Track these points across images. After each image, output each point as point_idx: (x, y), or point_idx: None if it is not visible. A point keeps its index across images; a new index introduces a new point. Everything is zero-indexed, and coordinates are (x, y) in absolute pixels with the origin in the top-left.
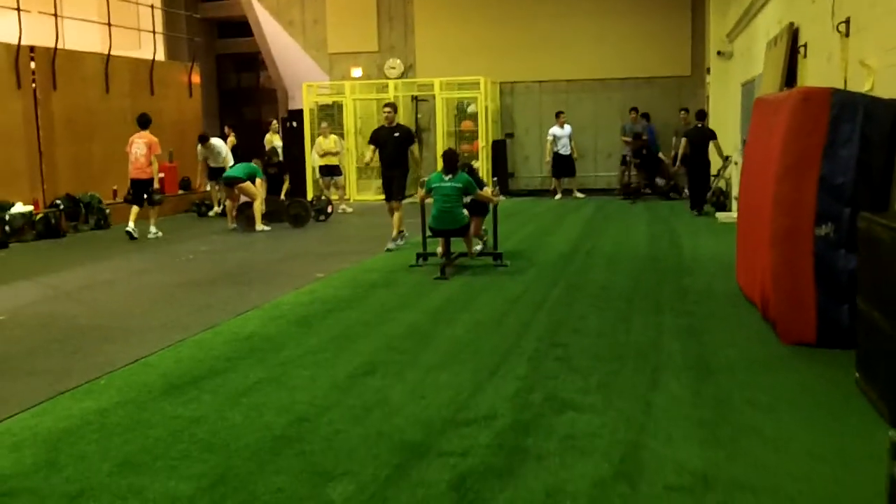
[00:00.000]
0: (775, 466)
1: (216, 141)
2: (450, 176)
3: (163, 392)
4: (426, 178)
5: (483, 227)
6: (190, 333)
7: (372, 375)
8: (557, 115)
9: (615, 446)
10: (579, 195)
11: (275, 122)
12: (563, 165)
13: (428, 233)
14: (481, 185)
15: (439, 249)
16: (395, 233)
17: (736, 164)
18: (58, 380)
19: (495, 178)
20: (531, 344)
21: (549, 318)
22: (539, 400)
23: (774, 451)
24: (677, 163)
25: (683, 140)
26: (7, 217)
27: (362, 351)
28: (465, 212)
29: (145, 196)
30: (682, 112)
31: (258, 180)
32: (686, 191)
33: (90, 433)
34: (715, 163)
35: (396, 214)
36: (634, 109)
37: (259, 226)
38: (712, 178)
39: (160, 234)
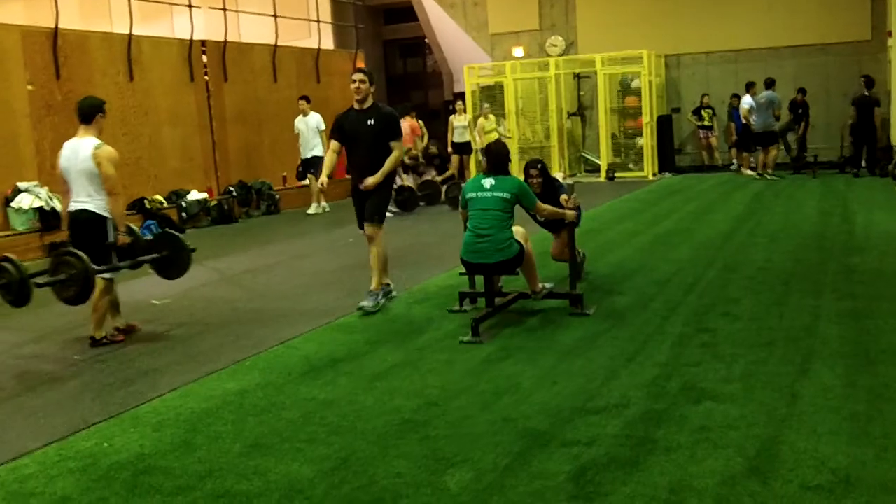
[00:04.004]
0: None
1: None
2: (491, 181)
3: (301, 374)
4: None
5: (580, 251)
6: (336, 317)
7: (507, 360)
8: (749, 85)
9: (751, 440)
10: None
11: (459, 102)
12: (749, 138)
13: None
14: (555, 192)
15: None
16: (374, 283)
17: None
18: (208, 361)
19: (569, 183)
20: (676, 328)
21: (699, 300)
22: (676, 388)
23: None
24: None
25: (852, 108)
26: (184, 204)
27: (501, 333)
28: (513, 233)
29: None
30: (862, 79)
31: None
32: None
33: (227, 414)
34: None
35: (374, 250)
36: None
37: None
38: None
39: None
